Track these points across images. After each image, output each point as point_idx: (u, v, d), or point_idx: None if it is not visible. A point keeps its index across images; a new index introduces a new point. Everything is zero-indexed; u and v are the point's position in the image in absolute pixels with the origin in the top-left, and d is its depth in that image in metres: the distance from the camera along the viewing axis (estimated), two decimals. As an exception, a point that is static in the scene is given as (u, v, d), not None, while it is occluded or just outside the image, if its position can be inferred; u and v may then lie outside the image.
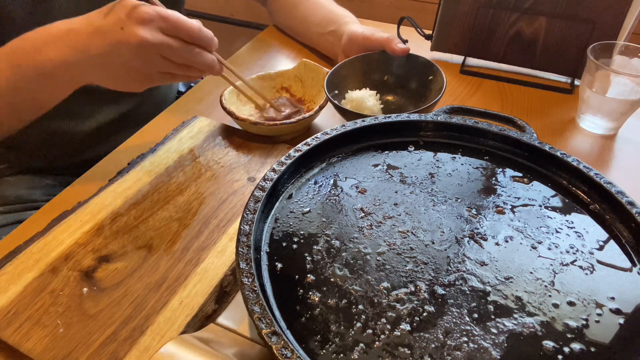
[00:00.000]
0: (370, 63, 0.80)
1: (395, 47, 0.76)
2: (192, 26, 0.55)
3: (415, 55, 0.78)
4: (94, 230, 0.55)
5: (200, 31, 0.56)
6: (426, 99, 0.76)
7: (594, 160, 0.70)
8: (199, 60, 0.58)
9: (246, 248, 0.45)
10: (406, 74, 0.79)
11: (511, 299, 0.44)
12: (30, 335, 0.46)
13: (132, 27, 0.53)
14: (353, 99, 0.73)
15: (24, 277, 0.50)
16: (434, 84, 0.76)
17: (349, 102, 0.74)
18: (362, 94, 0.74)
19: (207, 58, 0.59)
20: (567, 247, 0.48)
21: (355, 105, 0.73)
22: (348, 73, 0.78)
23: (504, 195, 0.54)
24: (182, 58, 0.57)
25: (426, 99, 0.76)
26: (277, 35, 1.02)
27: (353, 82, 0.79)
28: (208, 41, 0.58)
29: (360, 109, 0.73)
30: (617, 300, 0.44)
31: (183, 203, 0.59)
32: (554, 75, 0.85)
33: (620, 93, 0.69)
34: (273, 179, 0.52)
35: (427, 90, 0.77)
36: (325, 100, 0.72)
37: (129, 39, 0.53)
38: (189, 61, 0.58)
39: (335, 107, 0.71)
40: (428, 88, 0.77)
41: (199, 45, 0.57)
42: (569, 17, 0.78)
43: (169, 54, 0.55)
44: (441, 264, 0.46)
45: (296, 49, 0.97)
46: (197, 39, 0.56)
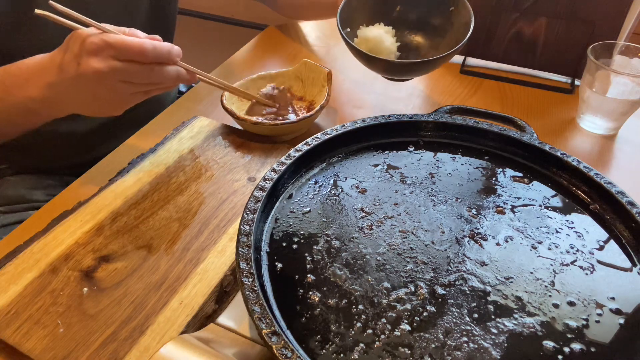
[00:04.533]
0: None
1: None
2: (142, 47, 0.53)
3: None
4: (94, 230, 0.55)
5: (154, 49, 0.54)
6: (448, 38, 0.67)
7: (594, 160, 0.70)
8: (162, 77, 0.57)
9: (246, 248, 0.45)
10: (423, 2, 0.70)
11: (511, 299, 0.44)
12: (30, 335, 0.46)
13: (86, 59, 0.53)
14: (368, 39, 0.67)
15: (24, 277, 0.50)
16: (456, 16, 0.66)
17: (362, 41, 0.67)
18: (378, 33, 0.67)
19: (169, 73, 0.57)
20: (567, 247, 0.48)
21: (372, 46, 0.66)
22: (359, 4, 0.69)
23: (504, 195, 0.54)
24: (143, 79, 0.56)
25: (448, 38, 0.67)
26: (277, 35, 1.02)
27: (365, 15, 0.70)
28: (165, 56, 0.56)
29: (377, 50, 0.66)
30: (617, 300, 0.44)
31: (183, 203, 0.59)
32: (554, 75, 0.85)
33: (621, 93, 0.69)
34: (273, 179, 0.52)
35: (448, 24, 0.68)
36: (327, 100, 0.71)
37: (85, 72, 0.53)
38: (151, 80, 0.57)
39: (351, 49, 0.64)
40: (449, 21, 0.67)
41: (157, 62, 0.56)
42: (569, 17, 0.78)
43: (128, 78, 0.55)
44: (441, 264, 0.46)
45: (296, 49, 0.97)
46: (153, 58, 0.55)
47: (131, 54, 0.53)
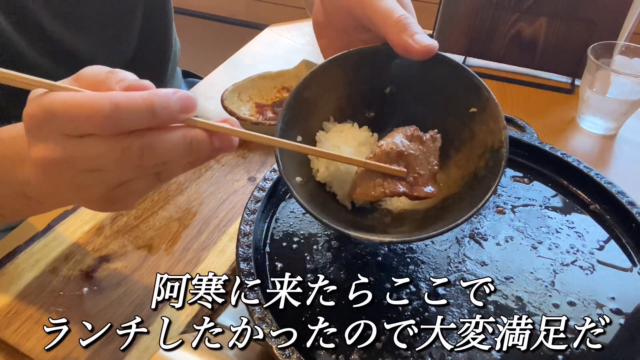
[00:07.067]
0: (360, 67, 0.43)
1: (411, 40, 0.39)
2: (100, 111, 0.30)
3: (446, 61, 0.42)
4: (94, 230, 0.55)
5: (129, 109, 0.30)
6: (464, 155, 0.43)
7: (594, 160, 0.70)
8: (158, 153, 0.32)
9: (246, 248, 0.45)
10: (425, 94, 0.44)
11: (511, 299, 0.43)
12: (30, 335, 0.46)
13: (32, 144, 0.33)
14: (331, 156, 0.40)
15: (24, 277, 0.50)
16: (478, 124, 0.41)
17: (322, 159, 0.42)
18: (343, 141, 0.43)
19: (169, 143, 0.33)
20: (567, 247, 0.48)
21: (334, 171, 0.42)
22: (318, 92, 0.43)
23: (505, 195, 0.54)
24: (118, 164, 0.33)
25: (464, 155, 0.43)
26: (276, 35, 1.02)
27: (327, 108, 0.44)
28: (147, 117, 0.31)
29: (344, 176, 0.42)
30: (617, 300, 0.44)
31: (183, 203, 0.59)
32: (554, 75, 0.85)
33: (621, 93, 0.69)
34: (273, 179, 0.52)
35: (466, 131, 0.42)
36: None
37: (36, 163, 0.33)
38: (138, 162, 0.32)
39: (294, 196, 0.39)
40: (469, 129, 0.42)
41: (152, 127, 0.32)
42: (569, 17, 0.78)
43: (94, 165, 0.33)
44: (441, 264, 0.46)
45: (296, 49, 0.97)
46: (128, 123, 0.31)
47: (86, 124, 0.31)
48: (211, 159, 0.36)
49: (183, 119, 0.33)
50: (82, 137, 0.32)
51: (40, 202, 0.41)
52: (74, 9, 0.65)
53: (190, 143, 0.33)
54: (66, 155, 0.32)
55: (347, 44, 0.44)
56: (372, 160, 0.40)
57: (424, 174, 0.41)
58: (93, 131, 0.31)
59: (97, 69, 0.34)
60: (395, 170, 0.40)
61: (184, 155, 0.34)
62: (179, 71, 0.94)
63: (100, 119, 0.30)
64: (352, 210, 0.44)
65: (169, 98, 0.31)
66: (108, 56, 0.72)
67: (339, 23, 0.45)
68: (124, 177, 0.34)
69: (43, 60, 0.64)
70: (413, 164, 0.41)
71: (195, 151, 0.33)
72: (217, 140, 0.34)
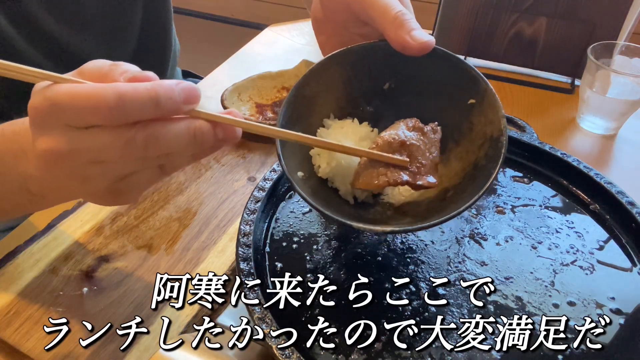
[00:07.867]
0: (359, 64, 0.44)
1: (408, 36, 0.40)
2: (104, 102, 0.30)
3: (444, 55, 0.42)
4: (94, 230, 0.55)
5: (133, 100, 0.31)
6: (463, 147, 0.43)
7: (594, 160, 0.70)
8: (161, 144, 0.33)
9: (246, 248, 0.45)
10: (424, 88, 0.44)
11: (511, 299, 0.43)
12: (30, 335, 0.46)
13: (36, 137, 0.33)
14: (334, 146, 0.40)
15: (24, 277, 0.50)
16: (477, 116, 0.42)
17: (324, 155, 0.43)
18: (344, 137, 0.43)
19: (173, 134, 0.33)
20: (567, 247, 0.48)
21: (335, 166, 0.43)
22: (317, 90, 0.44)
23: (504, 195, 0.54)
24: (123, 154, 0.33)
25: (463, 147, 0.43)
26: (276, 35, 1.02)
27: (327, 105, 0.45)
28: (151, 108, 0.31)
29: (346, 171, 0.43)
30: (617, 300, 0.44)
31: (183, 203, 0.59)
32: (554, 75, 0.85)
33: (621, 93, 0.69)
34: (273, 179, 0.52)
35: (465, 124, 0.43)
36: None
37: (39, 156, 0.34)
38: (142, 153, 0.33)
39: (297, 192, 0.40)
40: (467, 121, 0.43)
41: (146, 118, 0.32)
42: (569, 17, 0.78)
43: (100, 156, 0.33)
44: (441, 264, 0.46)
45: (296, 49, 0.97)
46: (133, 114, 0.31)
47: (91, 115, 0.31)
48: (215, 150, 0.36)
49: (187, 109, 0.33)
50: (87, 128, 0.32)
51: (43, 197, 0.41)
52: (73, 8, 0.65)
53: (194, 134, 0.33)
54: (71, 147, 0.32)
55: (345, 39, 0.45)
56: (375, 150, 0.40)
57: (426, 164, 0.41)
58: (98, 122, 0.32)
59: (100, 62, 0.34)
60: (398, 160, 0.40)
61: (188, 146, 0.34)
62: (178, 71, 0.95)
63: (105, 109, 0.30)
64: (354, 205, 0.44)
65: (173, 89, 0.32)
66: (107, 56, 0.72)
67: (338, 18, 0.45)
68: (128, 168, 0.35)
69: (43, 60, 0.65)
70: (415, 153, 0.41)
71: (199, 142, 0.34)
72: (220, 131, 0.34)
